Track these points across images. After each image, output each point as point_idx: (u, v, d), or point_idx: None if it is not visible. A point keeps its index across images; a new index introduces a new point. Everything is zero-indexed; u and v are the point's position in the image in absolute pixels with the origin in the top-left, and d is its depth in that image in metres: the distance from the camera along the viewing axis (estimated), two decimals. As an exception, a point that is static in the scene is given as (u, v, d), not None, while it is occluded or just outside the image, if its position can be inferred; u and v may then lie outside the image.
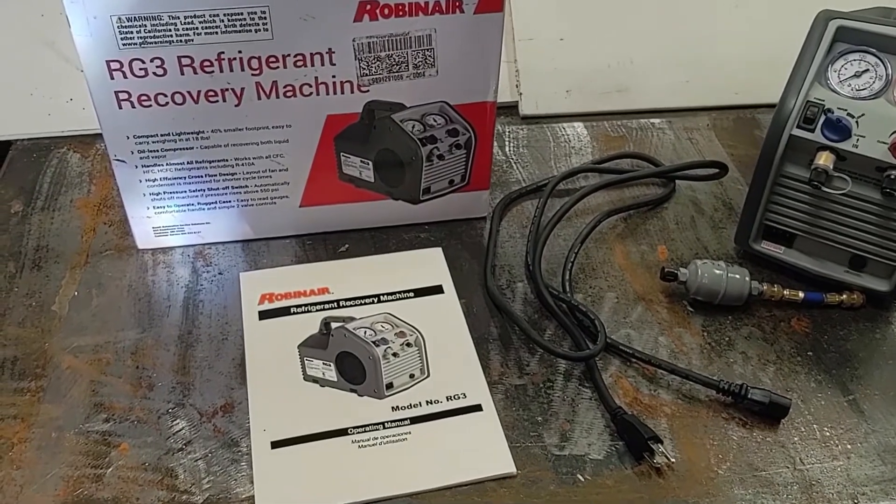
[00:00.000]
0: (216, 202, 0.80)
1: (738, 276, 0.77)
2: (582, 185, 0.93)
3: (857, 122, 0.72)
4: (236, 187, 0.79)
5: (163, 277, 0.80)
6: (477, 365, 0.73)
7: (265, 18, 0.68)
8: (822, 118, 0.72)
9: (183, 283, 0.79)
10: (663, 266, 0.79)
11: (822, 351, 0.76)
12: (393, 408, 0.70)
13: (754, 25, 1.06)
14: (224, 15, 0.67)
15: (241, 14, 0.67)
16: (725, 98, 1.04)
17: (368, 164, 0.80)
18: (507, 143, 0.98)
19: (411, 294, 0.79)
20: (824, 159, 0.72)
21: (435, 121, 0.78)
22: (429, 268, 0.82)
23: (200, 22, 0.67)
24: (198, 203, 0.79)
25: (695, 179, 0.92)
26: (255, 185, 0.79)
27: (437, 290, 0.80)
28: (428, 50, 0.73)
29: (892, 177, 0.71)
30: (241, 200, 0.80)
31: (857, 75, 0.74)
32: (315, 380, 0.72)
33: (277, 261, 0.82)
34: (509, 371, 0.73)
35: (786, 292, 0.78)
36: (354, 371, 0.72)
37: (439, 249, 0.84)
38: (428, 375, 0.73)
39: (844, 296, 0.79)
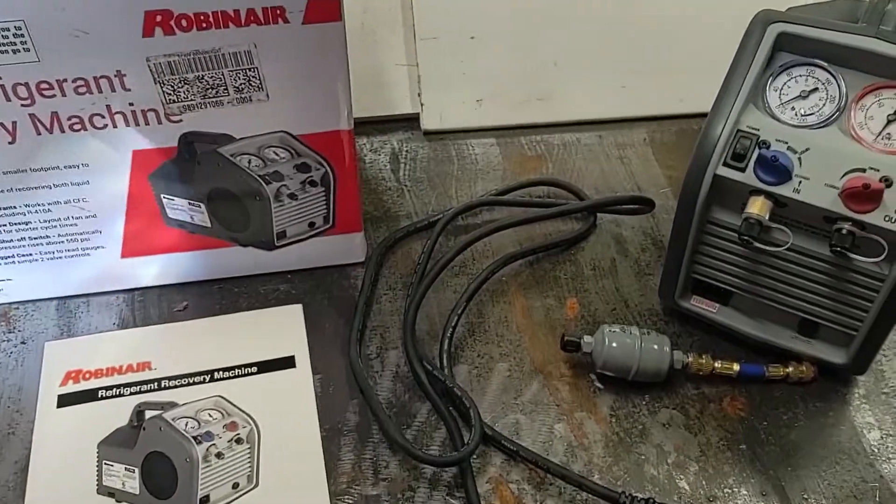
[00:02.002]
0: (14, 255, 0.65)
1: (655, 347, 0.62)
2: (487, 219, 0.77)
3: (799, 158, 0.56)
4: (35, 238, 0.64)
5: (-51, 349, 0.65)
6: (321, 468, 0.58)
7: (22, 36, 0.52)
8: (756, 153, 0.57)
9: (-28, 357, 0.64)
10: (563, 333, 0.64)
11: (758, 443, 0.61)
12: (203, 532, 0.55)
13: (705, 18, 0.89)
14: (-30, 32, 0.51)
15: (-7, 30, 0.52)
16: (668, 106, 0.87)
17: (200, 206, 0.65)
18: (402, 165, 0.82)
19: (254, 369, 0.64)
20: (758, 207, 0.57)
21: (277, 154, 0.63)
22: (282, 332, 0.66)
23: (-60, 42, 0.52)
24: (-9, 257, 0.64)
25: (619, 213, 0.76)
26: (59, 235, 0.64)
27: (288, 362, 0.65)
28: (250, 69, 0.57)
29: (844, 232, 0.55)
30: (45, 253, 0.65)
31: (804, 96, 0.58)
32: (111, 492, 0.57)
33: (96, 324, 0.67)
34: (362, 475, 0.58)
35: (717, 364, 0.63)
36: (164, 479, 0.57)
37: (299, 307, 0.68)
38: (256, 485, 0.58)
39: (791, 368, 0.63)
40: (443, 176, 0.81)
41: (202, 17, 0.53)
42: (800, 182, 0.56)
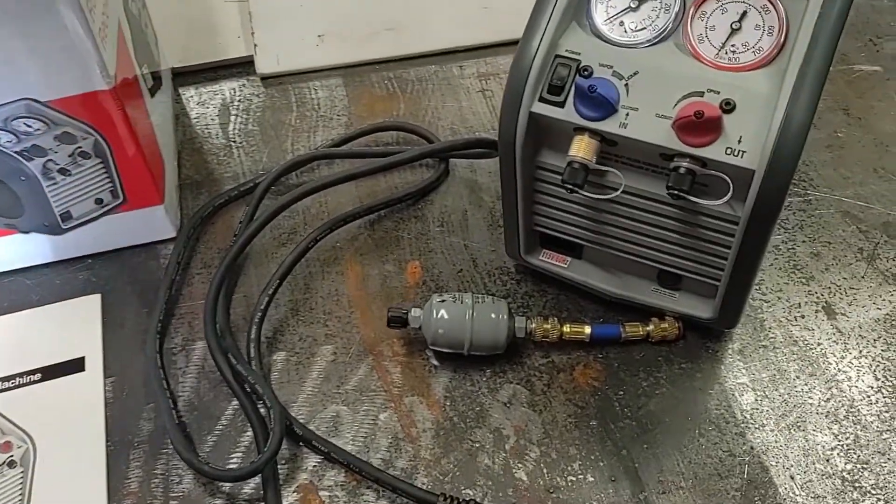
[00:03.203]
0: None
1: (492, 315, 0.53)
2: (326, 174, 0.68)
3: (626, 85, 0.46)
4: None
5: None
6: (102, 489, 0.50)
7: None
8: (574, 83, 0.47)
9: None
10: (390, 307, 0.55)
11: (611, 418, 0.53)
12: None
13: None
14: None
15: None
16: (539, 25, 0.77)
17: (-47, 194, 0.55)
18: (232, 118, 0.72)
19: (37, 377, 0.55)
20: (582, 149, 0.47)
21: (29, 125, 0.53)
22: (73, 330, 0.58)
23: None
24: None
25: (470, 157, 0.67)
26: None
27: (77, 365, 0.56)
28: (-43, 29, 0.47)
29: (682, 171, 0.46)
30: None
31: (634, 6, 0.48)
32: None
33: None
34: (150, 494, 0.50)
35: (566, 329, 0.55)
36: (-83, 519, 0.49)
37: (96, 298, 0.59)
38: (24, 516, 0.50)
39: (651, 326, 0.55)
40: (278, 127, 0.71)
41: None
42: (627, 114, 0.46)
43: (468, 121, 0.71)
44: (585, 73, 0.47)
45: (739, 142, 0.44)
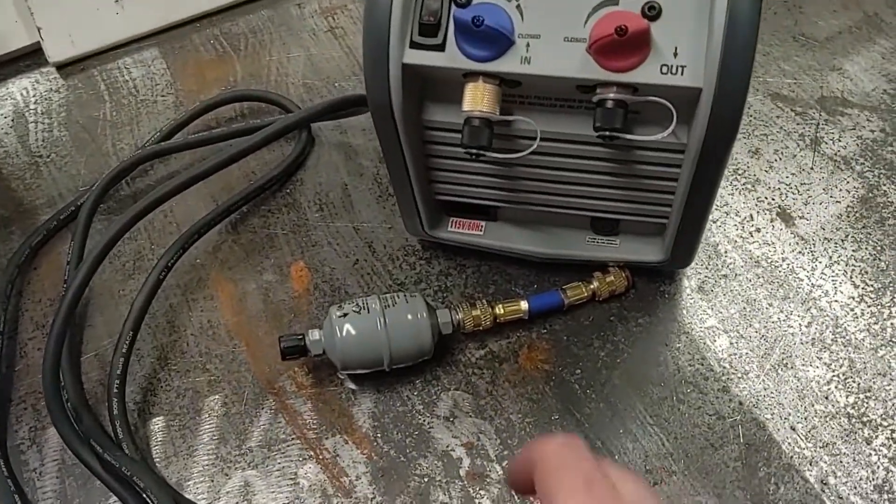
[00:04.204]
0: None
1: (409, 317, 0.43)
2: (165, 174, 0.55)
3: (519, 7, 0.36)
4: None
5: None
6: None
7: None
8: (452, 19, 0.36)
9: None
10: (281, 336, 0.44)
11: (574, 404, 0.44)
12: None
13: None
14: None
15: None
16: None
17: None
18: (31, 127, 0.57)
19: None
20: (479, 100, 0.36)
21: None
22: None
23: None
24: None
25: (341, 117, 0.55)
26: None
27: None
28: None
29: (609, 105, 0.36)
30: None
31: None
32: None
33: None
34: None
35: (499, 310, 0.45)
36: None
37: None
38: None
39: (595, 283, 0.46)
40: (92, 125, 0.57)
41: None
42: (528, 45, 0.35)
43: (322, 70, 0.58)
44: (461, 2, 0.36)
45: (675, 55, 0.34)
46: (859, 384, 0.43)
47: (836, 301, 0.46)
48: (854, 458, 0.41)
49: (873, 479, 0.40)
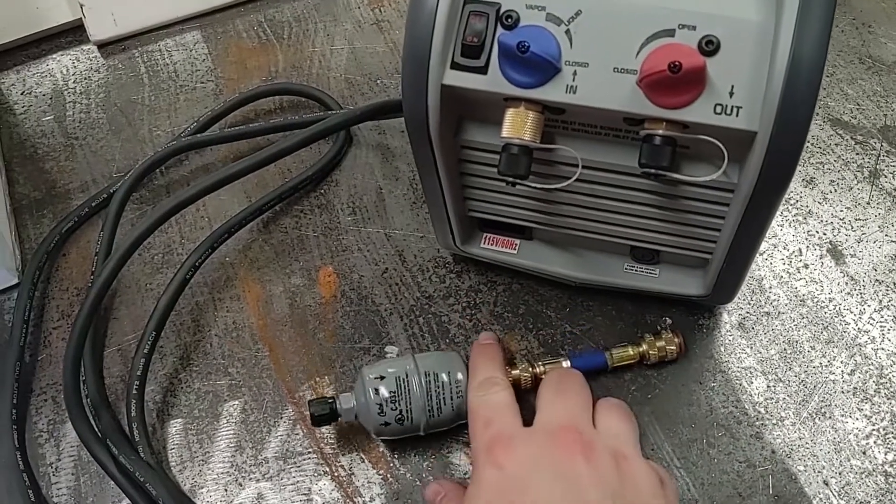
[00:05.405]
0: None
1: (445, 379, 0.41)
2: (200, 164, 0.54)
3: (568, 33, 0.34)
4: None
5: None
6: None
7: None
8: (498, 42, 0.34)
9: None
10: (310, 400, 0.42)
11: (600, 441, 0.42)
12: None
13: None
14: None
15: None
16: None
17: None
18: (68, 107, 0.57)
19: None
20: (519, 127, 0.35)
21: None
22: None
23: None
24: None
25: (380, 119, 0.53)
26: None
27: (-85, 482, 0.43)
28: None
29: (657, 142, 0.34)
30: None
31: (564, -82, 0.35)
32: None
33: None
34: None
35: (538, 369, 0.43)
36: None
37: (-73, 383, 0.46)
38: None
39: (644, 346, 0.43)
40: (130, 109, 0.56)
41: None
42: (574, 74, 0.34)
43: (365, 65, 0.57)
44: (509, 20, 0.34)
45: (731, 94, 0.32)
46: (901, 441, 0.41)
47: (882, 349, 0.44)
48: (889, 519, 0.39)
49: (908, 544, 0.39)
